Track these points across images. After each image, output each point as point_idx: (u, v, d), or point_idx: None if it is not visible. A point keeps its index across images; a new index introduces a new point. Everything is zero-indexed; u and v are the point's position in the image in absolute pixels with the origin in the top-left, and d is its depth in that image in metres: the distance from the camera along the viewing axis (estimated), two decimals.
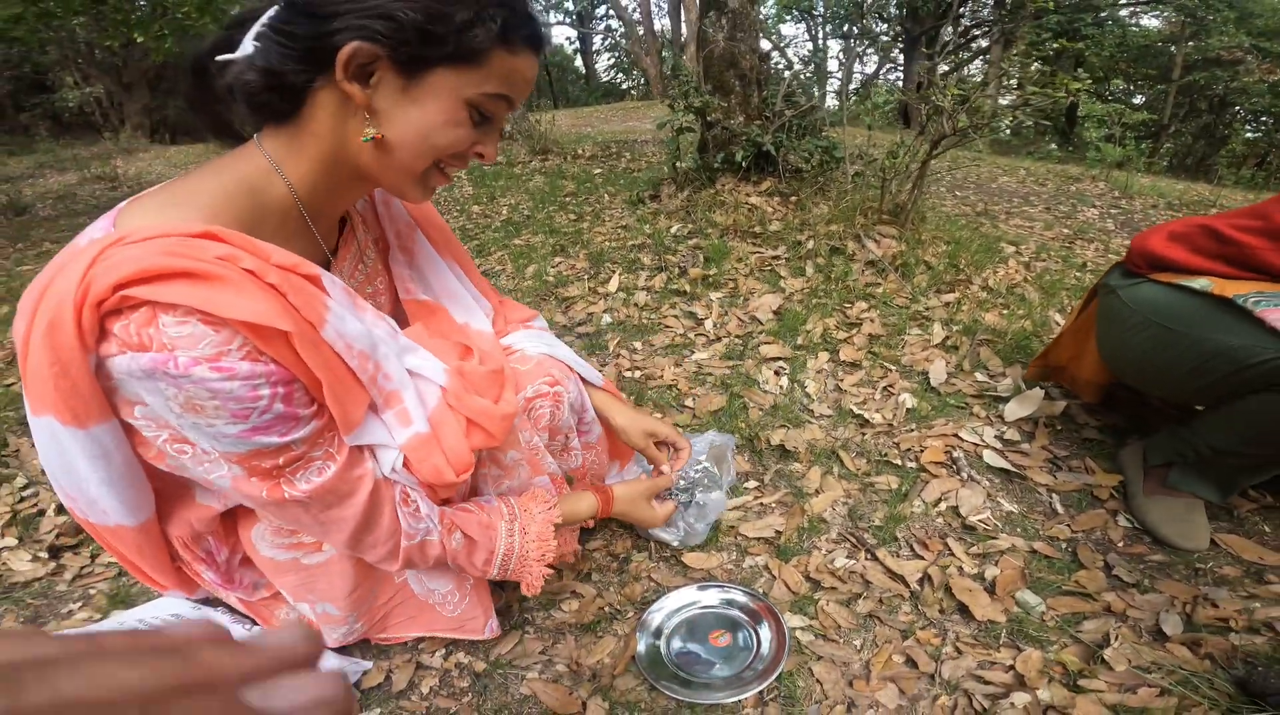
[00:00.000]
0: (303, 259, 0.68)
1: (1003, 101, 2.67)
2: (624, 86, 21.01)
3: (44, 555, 1.32)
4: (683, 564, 1.19)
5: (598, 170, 4.69)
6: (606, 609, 1.11)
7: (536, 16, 0.75)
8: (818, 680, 0.98)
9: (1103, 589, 1.10)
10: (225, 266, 0.61)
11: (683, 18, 16.78)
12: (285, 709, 0.21)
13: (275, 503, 0.73)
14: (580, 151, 5.45)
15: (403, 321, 0.97)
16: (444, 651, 1.05)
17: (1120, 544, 1.20)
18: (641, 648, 1.03)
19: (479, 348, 0.93)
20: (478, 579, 1.01)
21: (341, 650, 1.04)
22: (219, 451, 0.67)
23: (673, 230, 2.91)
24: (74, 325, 0.59)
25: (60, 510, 1.45)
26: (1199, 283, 1.16)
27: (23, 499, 1.50)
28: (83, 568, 1.30)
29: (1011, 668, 0.97)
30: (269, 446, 0.68)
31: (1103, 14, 9.72)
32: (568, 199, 3.81)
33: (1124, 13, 10.94)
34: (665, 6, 20.94)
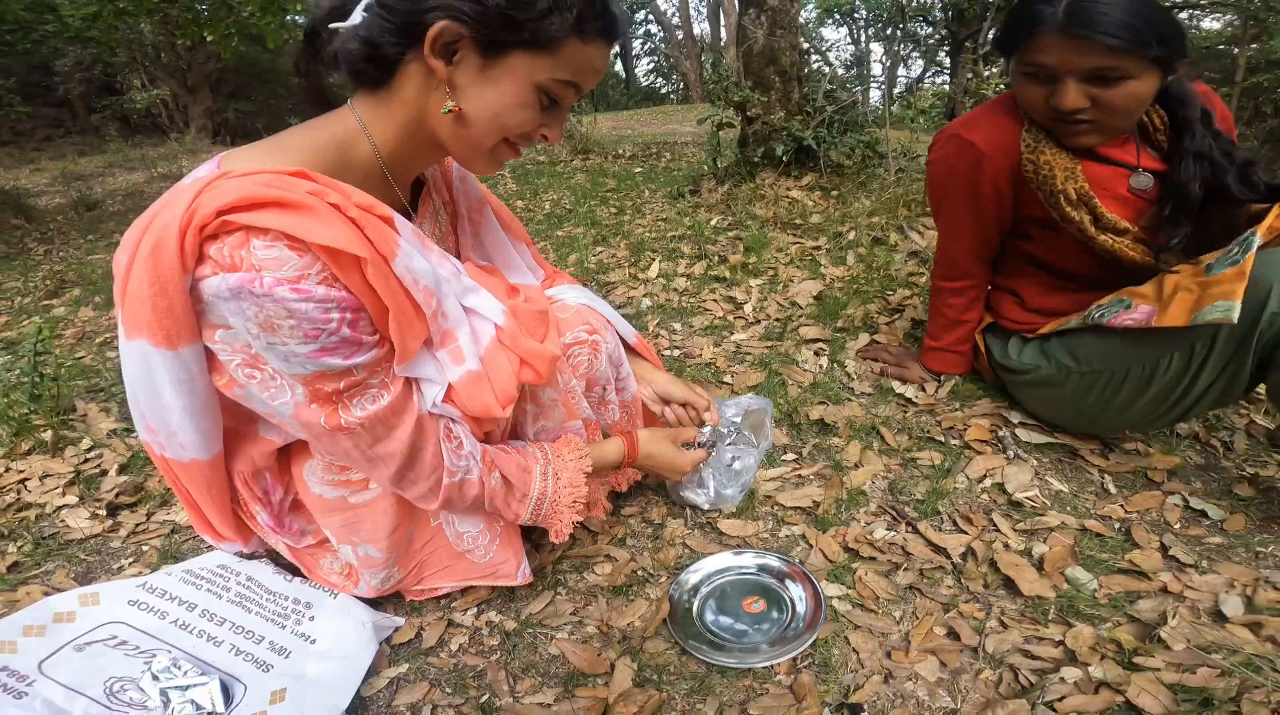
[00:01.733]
0: (378, 201, 0.74)
1: None
2: (663, 91, 21.10)
3: (102, 512, 1.37)
4: (718, 531, 1.18)
5: (638, 169, 4.71)
6: (639, 573, 1.11)
7: (613, 9, 0.79)
8: (854, 649, 0.95)
9: (1158, 569, 1.06)
10: (313, 199, 0.68)
11: (722, 22, 16.83)
12: None
13: (330, 431, 0.77)
14: (621, 151, 5.49)
15: None
16: (475, 610, 1.06)
17: (1177, 525, 1.15)
18: (675, 605, 1.03)
19: (525, 292, 0.96)
20: (507, 523, 1.02)
21: (375, 605, 1.06)
22: (287, 373, 0.73)
23: (712, 222, 2.91)
24: (177, 246, 0.65)
25: (121, 470, 1.51)
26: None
27: (87, 460, 1.57)
28: (137, 525, 1.35)
29: (1061, 643, 0.94)
30: (333, 368, 0.73)
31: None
32: (609, 194, 3.84)
33: (1183, 15, 10.56)
34: (704, 11, 21.05)
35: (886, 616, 1.00)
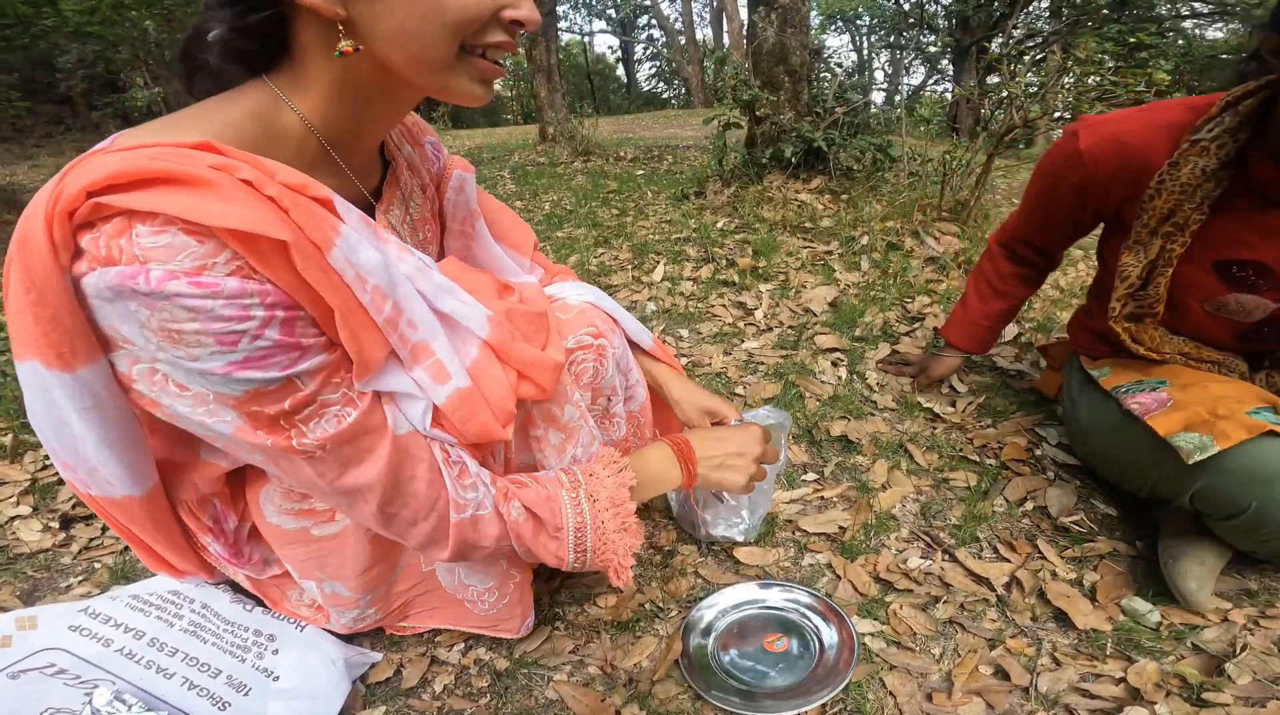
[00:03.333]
0: (313, 180, 0.58)
1: (1073, 99, 2.52)
2: (665, 95, 21.06)
3: (55, 525, 1.27)
4: (734, 559, 1.07)
5: (640, 171, 4.62)
6: (647, 606, 0.99)
7: None
8: (890, 693, 0.84)
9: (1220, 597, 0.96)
10: (216, 174, 0.52)
11: (724, 27, 16.80)
12: None
13: (284, 454, 0.60)
14: (622, 154, 5.41)
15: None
16: (463, 646, 0.94)
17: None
18: (688, 648, 0.91)
19: (520, 291, 0.82)
20: (522, 579, 0.88)
21: (349, 638, 0.94)
22: (219, 394, 0.56)
23: (719, 224, 2.81)
24: (46, 239, 0.51)
25: None
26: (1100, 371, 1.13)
27: (45, 466, 1.46)
28: (91, 540, 1.25)
29: (1123, 680, 0.85)
30: (270, 383, 0.57)
31: (1165, 24, 9.38)
32: (610, 195, 3.74)
33: (1187, 24, 10.54)
34: (707, 16, 21.03)
35: (925, 655, 0.90)
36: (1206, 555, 0.96)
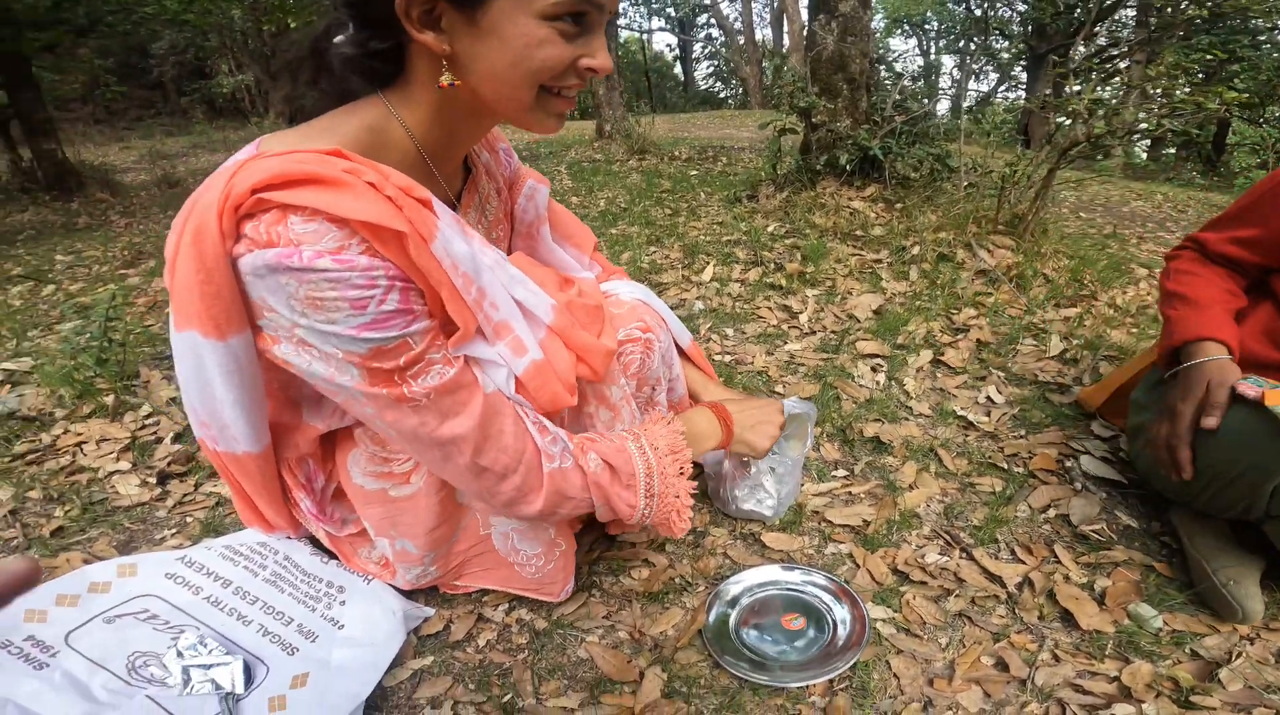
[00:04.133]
0: (417, 183, 0.71)
1: (1140, 115, 2.46)
2: (721, 95, 20.96)
3: (152, 481, 1.39)
4: (761, 543, 1.14)
5: (694, 171, 4.68)
6: (677, 580, 1.07)
7: None
8: (895, 674, 0.90)
9: None
10: (349, 176, 0.65)
11: (785, 28, 16.63)
12: None
13: (395, 404, 0.72)
14: (677, 153, 5.47)
15: None
16: (507, 606, 1.04)
17: None
18: (711, 616, 0.99)
19: (579, 285, 0.93)
20: (567, 548, 0.98)
21: (408, 594, 1.04)
22: (343, 352, 0.68)
23: (769, 229, 2.86)
24: (217, 227, 0.64)
25: (176, 438, 1.53)
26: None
27: (144, 426, 1.60)
28: (185, 495, 1.36)
29: (1116, 679, 0.89)
30: (389, 342, 0.68)
31: (1261, 36, 8.89)
32: (664, 195, 3.82)
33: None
34: (767, 17, 20.85)
35: (932, 643, 0.95)
36: (1253, 569, 0.98)
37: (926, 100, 3.69)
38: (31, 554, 1.22)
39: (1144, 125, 2.29)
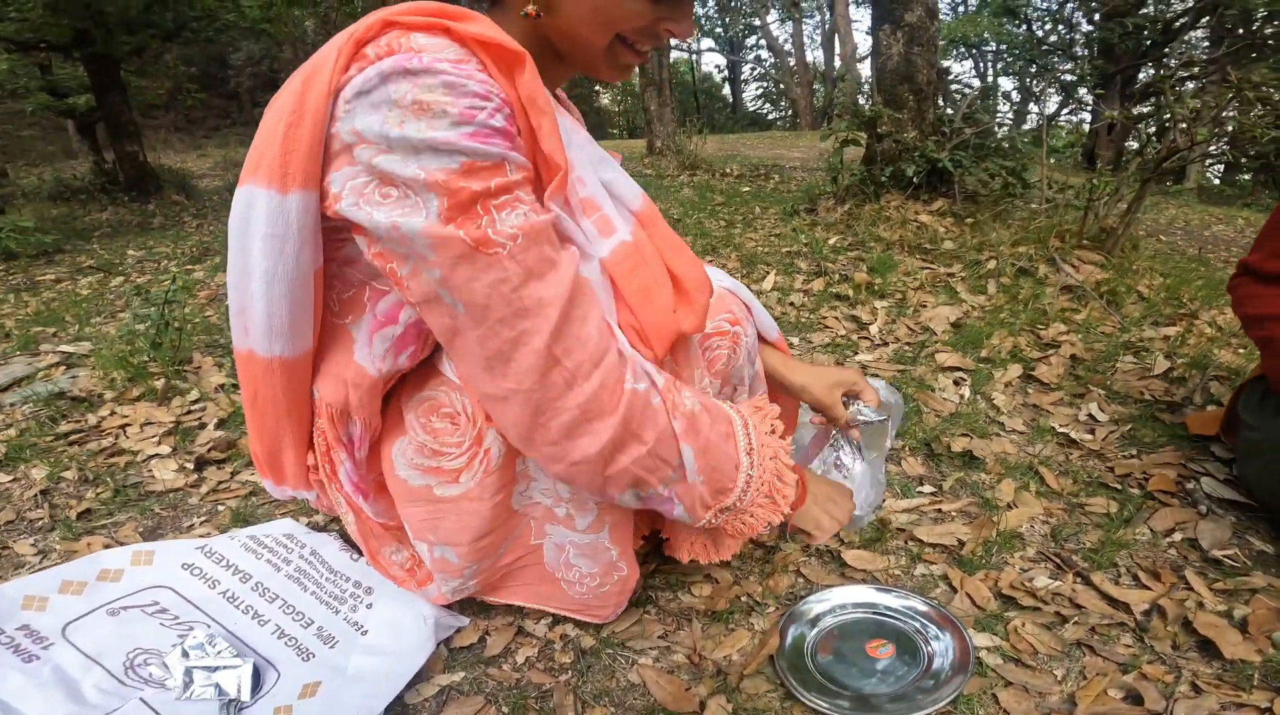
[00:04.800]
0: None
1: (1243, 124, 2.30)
2: (770, 117, 20.87)
3: (189, 466, 1.35)
4: (840, 561, 1.01)
5: (745, 188, 4.60)
6: (743, 599, 0.95)
7: None
8: (1004, 710, 0.77)
9: None
10: (475, 14, 0.65)
11: (836, 50, 16.54)
12: None
13: (472, 254, 0.61)
14: (728, 170, 5.41)
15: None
16: (550, 620, 0.92)
17: None
18: (788, 639, 0.86)
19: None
20: (628, 574, 0.86)
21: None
22: (426, 173, 0.60)
23: (831, 241, 2.74)
24: (333, 62, 0.61)
25: (220, 425, 1.50)
26: None
27: (190, 411, 1.58)
28: (220, 482, 1.32)
29: (1268, 709, 0.76)
30: (487, 158, 0.61)
31: None
32: (718, 208, 3.74)
33: None
34: (818, 38, 20.78)
35: (1046, 674, 0.82)
36: None
37: (1003, 111, 3.55)
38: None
39: (1251, 135, 2.11)
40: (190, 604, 0.92)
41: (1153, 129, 2.34)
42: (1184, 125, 2.16)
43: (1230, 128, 2.37)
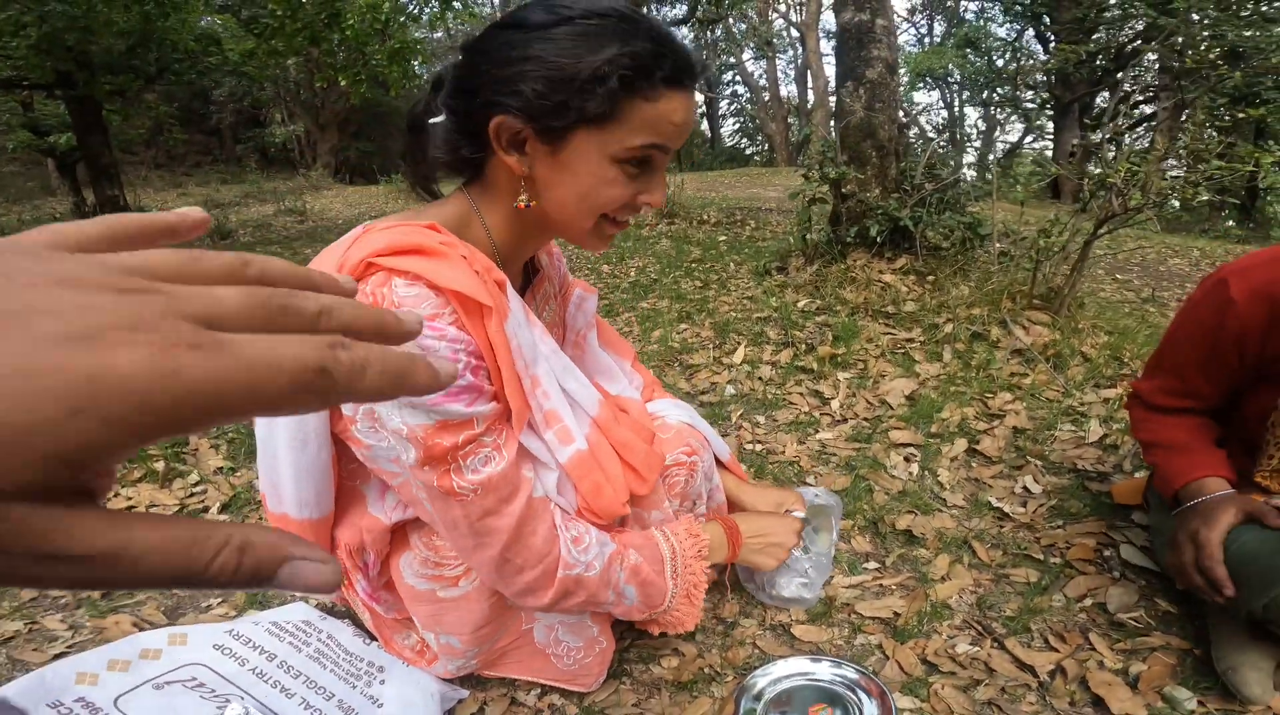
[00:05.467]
0: (494, 266, 0.77)
1: (1175, 173, 2.49)
2: (748, 152, 21.30)
3: None
4: (791, 635, 1.15)
5: (722, 238, 4.74)
6: (706, 670, 1.08)
7: (679, 53, 0.73)
8: None
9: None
10: (447, 248, 0.72)
11: (809, 84, 17.01)
12: None
13: (443, 495, 0.76)
14: (705, 217, 5.55)
15: None
16: (539, 691, 1.05)
17: None
18: (740, 709, 1.00)
19: (630, 410, 1.00)
20: (607, 647, 1.02)
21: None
22: (408, 426, 0.72)
23: (800, 305, 2.88)
24: None
25: (223, 508, 1.59)
26: None
27: (192, 494, 1.66)
28: None
29: None
30: (454, 416, 0.73)
31: None
32: (694, 265, 3.86)
33: None
34: (792, 73, 21.34)
35: None
36: (1262, 659, 0.99)
37: (960, 162, 3.71)
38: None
39: (1174, 194, 2.29)
40: (225, 679, 1.03)
41: (1092, 185, 2.49)
42: (1121, 189, 2.32)
43: (1173, 181, 2.53)
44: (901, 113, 3.47)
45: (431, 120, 0.80)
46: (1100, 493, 1.50)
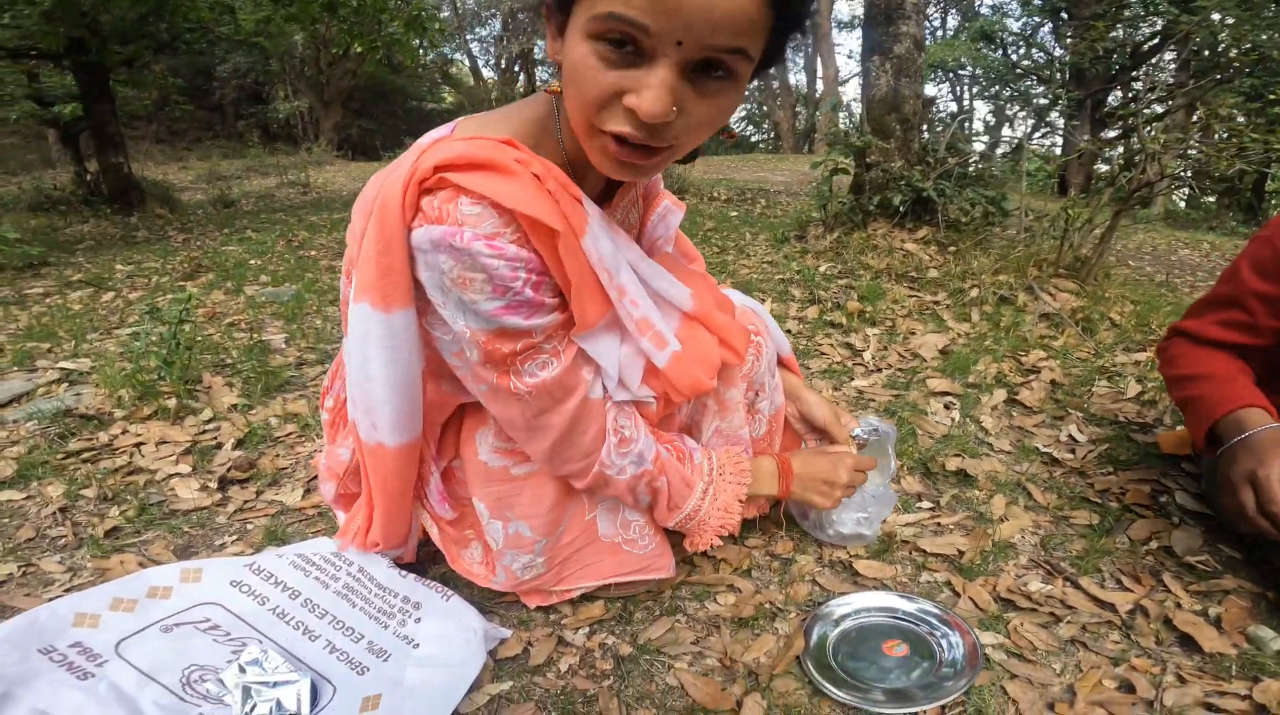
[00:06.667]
0: (569, 180, 0.74)
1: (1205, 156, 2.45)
2: (753, 139, 21.16)
3: (212, 485, 1.37)
4: (853, 571, 1.10)
5: (734, 213, 4.71)
6: (767, 606, 1.03)
7: None
8: (1012, 700, 0.86)
9: None
10: (519, 167, 0.69)
11: (818, 74, 16.93)
12: None
13: (499, 393, 0.79)
14: (716, 194, 5.51)
15: None
16: (588, 630, 0.99)
17: None
18: (813, 639, 0.95)
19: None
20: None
21: (485, 612, 0.99)
22: (470, 330, 0.74)
23: (822, 269, 2.84)
24: (401, 201, 0.69)
25: (237, 445, 1.53)
26: None
27: (205, 431, 1.59)
28: (246, 502, 1.33)
29: (1248, 697, 0.86)
30: (513, 327, 0.74)
31: None
32: (710, 234, 3.83)
33: None
34: (800, 61, 21.22)
35: (1046, 668, 0.92)
36: None
37: (988, 142, 3.70)
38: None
39: (1217, 167, 2.26)
40: (241, 621, 0.94)
41: (1122, 160, 2.48)
42: (1153, 158, 2.29)
43: (1196, 155, 2.53)
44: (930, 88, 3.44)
45: None
46: (1147, 443, 1.47)
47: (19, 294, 3.06)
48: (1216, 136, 2.41)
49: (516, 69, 18.73)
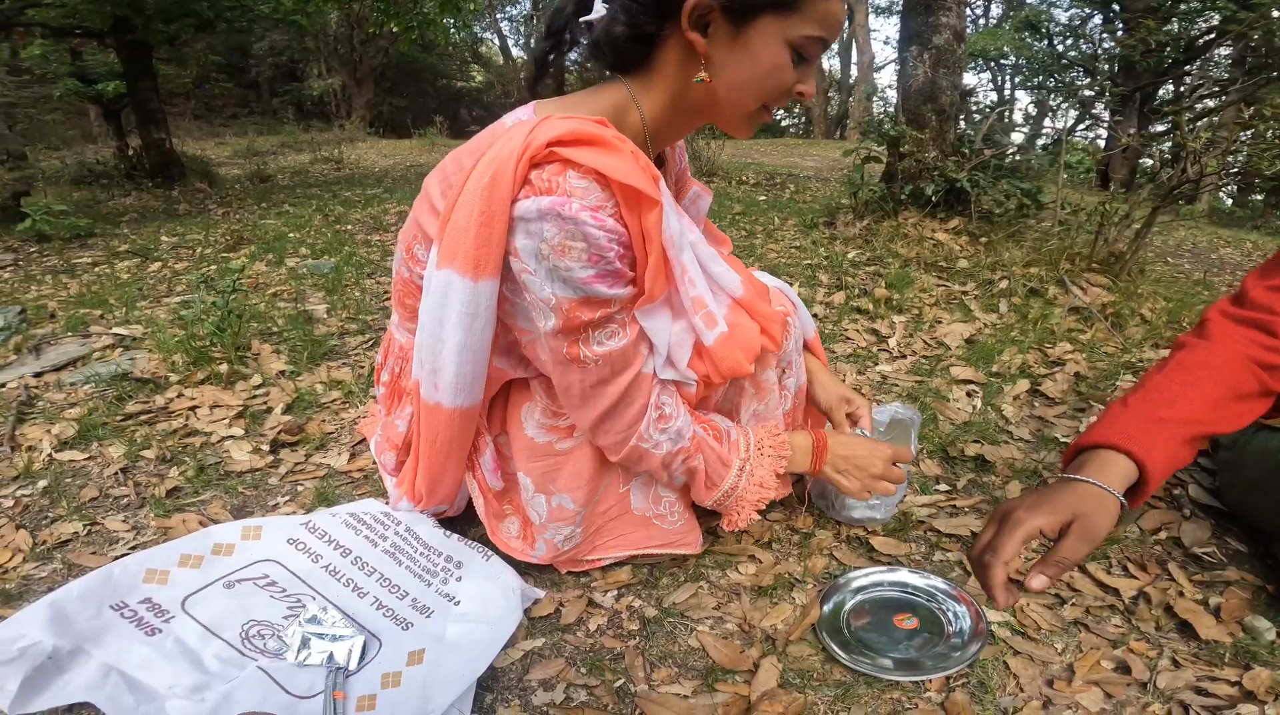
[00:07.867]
0: (650, 160, 0.81)
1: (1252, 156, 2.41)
2: (783, 123, 20.91)
3: (264, 448, 1.44)
4: (869, 546, 1.14)
5: (762, 197, 4.70)
6: (785, 576, 1.08)
7: None
8: (1014, 675, 0.91)
9: None
10: (621, 143, 0.77)
11: (854, 59, 16.62)
12: None
13: (567, 361, 0.84)
14: (744, 178, 5.49)
15: None
16: (616, 593, 1.05)
17: None
18: (828, 606, 1.00)
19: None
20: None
21: (522, 573, 1.05)
22: (556, 297, 0.79)
23: (850, 255, 2.86)
24: (512, 175, 0.75)
25: (286, 410, 1.61)
26: None
27: (255, 396, 1.67)
28: (296, 464, 1.40)
29: (1238, 684, 0.89)
30: (597, 295, 0.80)
31: None
32: (738, 217, 3.84)
33: None
34: (835, 47, 20.81)
35: (1049, 646, 0.96)
36: None
37: (1025, 135, 3.66)
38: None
39: (1260, 166, 2.23)
40: (296, 577, 0.99)
41: (1167, 155, 2.44)
42: (1197, 154, 2.26)
43: (1243, 155, 2.48)
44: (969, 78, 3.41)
45: (584, 18, 0.84)
46: None
47: (68, 263, 3.18)
48: (1266, 134, 2.35)
49: None
